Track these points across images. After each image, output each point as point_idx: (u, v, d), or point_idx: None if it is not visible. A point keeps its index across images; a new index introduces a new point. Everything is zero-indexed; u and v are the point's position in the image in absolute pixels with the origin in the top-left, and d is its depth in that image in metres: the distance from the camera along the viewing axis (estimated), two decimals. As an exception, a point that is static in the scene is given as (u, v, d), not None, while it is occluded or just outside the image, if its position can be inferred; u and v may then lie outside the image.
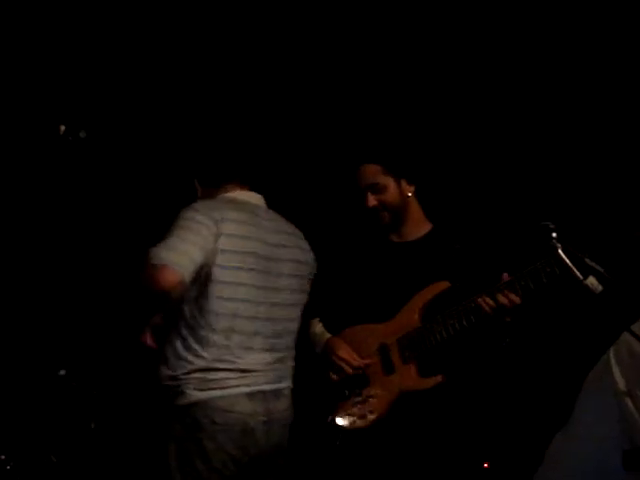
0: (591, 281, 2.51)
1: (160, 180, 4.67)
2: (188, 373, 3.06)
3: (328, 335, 3.51)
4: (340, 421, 3.32)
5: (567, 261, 2.52)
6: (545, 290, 3.09)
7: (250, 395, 3.12)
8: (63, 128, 3.93)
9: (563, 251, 2.55)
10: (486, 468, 4.08)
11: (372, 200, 3.41)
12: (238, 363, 3.10)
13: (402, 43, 4.57)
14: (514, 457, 4.20)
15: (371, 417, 3.31)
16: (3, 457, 3.79)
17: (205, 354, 3.06)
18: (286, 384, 3.26)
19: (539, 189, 4.34)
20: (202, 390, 3.06)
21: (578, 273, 2.51)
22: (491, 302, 3.14)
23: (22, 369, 4.19)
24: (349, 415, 3.33)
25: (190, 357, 3.07)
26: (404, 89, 4.62)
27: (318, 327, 3.56)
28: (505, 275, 3.15)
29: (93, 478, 3.91)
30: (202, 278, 3.06)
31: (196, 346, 3.08)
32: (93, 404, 3.96)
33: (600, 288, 2.50)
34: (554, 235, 2.59)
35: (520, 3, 4.35)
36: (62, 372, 4.03)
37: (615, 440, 2.73)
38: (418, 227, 3.49)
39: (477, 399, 3.38)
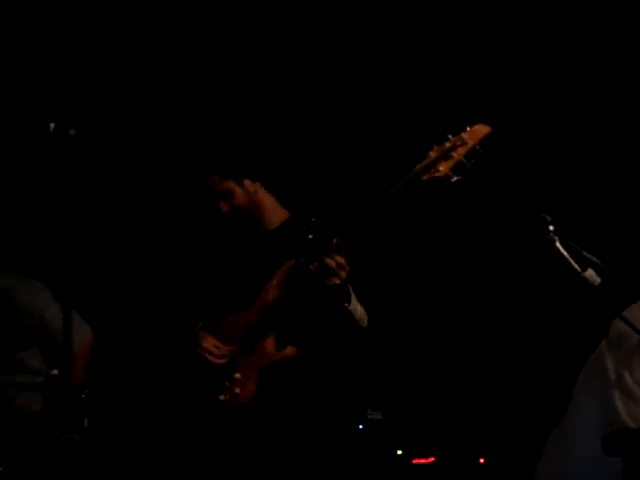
0: (589, 273, 2.51)
1: (149, 178, 4.68)
2: None
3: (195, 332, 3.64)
4: (217, 406, 3.46)
5: (565, 254, 2.52)
6: (365, 247, 3.23)
7: None
8: (53, 126, 3.92)
9: (560, 244, 2.54)
10: (482, 464, 4.09)
11: (224, 207, 3.60)
12: None
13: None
14: (511, 453, 4.20)
15: (241, 399, 3.44)
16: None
17: None
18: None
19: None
20: None
21: (576, 266, 2.50)
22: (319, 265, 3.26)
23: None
24: (223, 401, 3.46)
25: None
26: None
27: (196, 329, 3.68)
28: (334, 240, 3.26)
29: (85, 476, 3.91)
30: None
31: None
32: (84, 404, 3.96)
33: (598, 280, 2.49)
34: (551, 228, 2.60)
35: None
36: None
37: (599, 429, 2.73)
38: (275, 217, 3.66)
39: (331, 370, 3.52)
